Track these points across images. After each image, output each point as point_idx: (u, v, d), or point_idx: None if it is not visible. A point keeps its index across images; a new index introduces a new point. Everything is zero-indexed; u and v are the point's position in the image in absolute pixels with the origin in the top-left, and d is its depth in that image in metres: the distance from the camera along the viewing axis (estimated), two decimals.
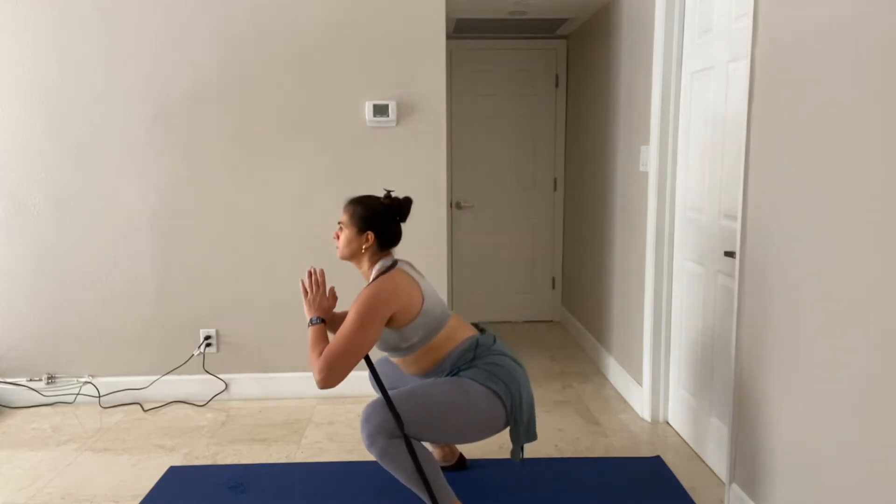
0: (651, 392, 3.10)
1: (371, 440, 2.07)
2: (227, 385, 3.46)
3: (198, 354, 3.43)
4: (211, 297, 3.40)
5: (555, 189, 4.97)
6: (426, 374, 2.28)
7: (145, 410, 3.33)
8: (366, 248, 2.23)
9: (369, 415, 2.08)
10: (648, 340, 3.09)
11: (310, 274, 2.27)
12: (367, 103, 3.30)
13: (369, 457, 2.78)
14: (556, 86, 4.87)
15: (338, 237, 2.27)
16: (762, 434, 2.11)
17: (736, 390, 2.29)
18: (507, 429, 2.26)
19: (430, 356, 2.24)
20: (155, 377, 3.44)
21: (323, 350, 2.09)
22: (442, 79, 3.30)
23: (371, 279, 2.23)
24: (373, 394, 3.49)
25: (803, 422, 1.89)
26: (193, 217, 3.35)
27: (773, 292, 2.03)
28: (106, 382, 3.44)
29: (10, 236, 3.33)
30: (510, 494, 2.46)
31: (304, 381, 3.47)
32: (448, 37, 4.70)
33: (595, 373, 3.88)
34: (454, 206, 4.94)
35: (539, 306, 5.09)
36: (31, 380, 3.42)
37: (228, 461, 2.76)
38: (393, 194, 2.32)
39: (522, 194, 4.96)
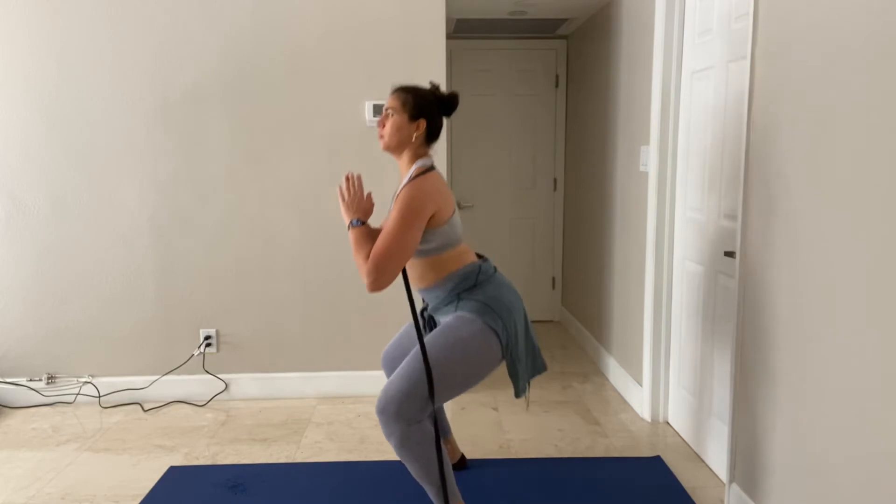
0: (651, 392, 3.10)
1: (389, 429, 2.05)
2: (227, 385, 3.46)
3: (198, 354, 3.43)
4: (211, 297, 3.40)
5: (555, 189, 4.97)
6: (429, 287, 2.24)
7: (145, 410, 3.33)
8: (416, 137, 2.19)
9: (383, 407, 2.06)
10: (648, 340, 3.09)
11: (347, 178, 2.20)
12: (367, 103, 3.30)
13: (369, 457, 2.78)
14: (556, 86, 4.87)
15: (383, 125, 2.21)
16: (762, 434, 2.11)
17: (736, 390, 2.29)
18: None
19: (438, 268, 2.20)
20: (155, 377, 3.44)
21: (370, 252, 2.05)
22: (442, 79, 3.30)
23: (409, 176, 2.17)
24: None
25: (803, 422, 1.89)
26: (193, 217, 3.35)
27: (773, 292, 2.03)
28: (106, 382, 3.44)
29: (10, 236, 3.33)
30: (510, 494, 2.46)
31: (304, 381, 3.47)
32: (448, 37, 4.70)
33: (595, 373, 3.88)
34: (457, 206, 4.93)
35: (539, 306, 5.09)
36: (31, 380, 3.42)
37: (228, 461, 2.76)
38: (440, 88, 2.28)
39: (522, 194, 4.96)
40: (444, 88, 3.27)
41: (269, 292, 3.42)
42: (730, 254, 2.41)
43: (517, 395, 2.21)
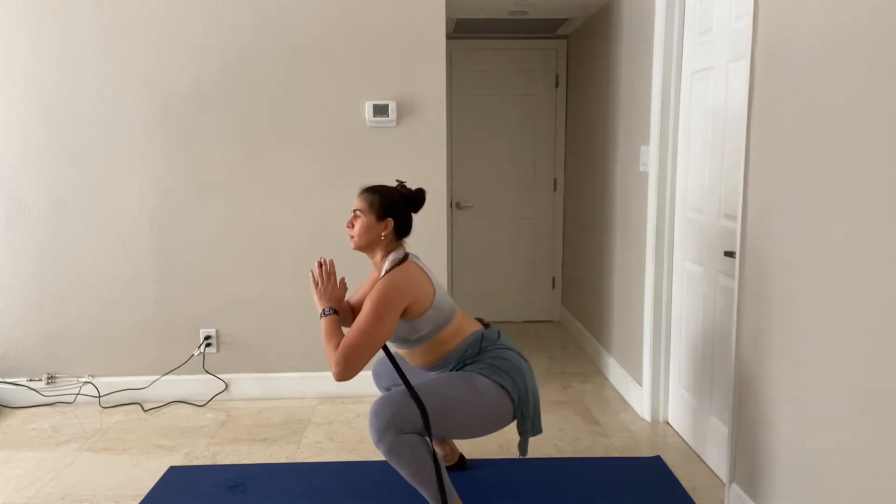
0: (651, 392, 3.10)
1: (380, 436, 2.06)
2: (227, 385, 3.46)
3: (198, 354, 3.43)
4: (211, 297, 3.40)
5: (555, 189, 4.97)
6: (432, 367, 2.28)
7: (145, 410, 3.33)
8: (384, 236, 2.22)
9: (378, 410, 2.07)
10: (648, 340, 3.09)
11: (320, 264, 2.24)
12: (367, 103, 3.30)
13: (369, 457, 2.78)
14: (556, 86, 4.87)
15: (352, 226, 2.25)
16: (762, 434, 2.11)
17: (736, 390, 2.29)
18: (514, 423, 2.26)
19: (437, 349, 2.24)
20: (155, 377, 3.44)
21: (339, 343, 2.08)
22: (442, 79, 3.30)
23: (384, 270, 2.22)
24: (374, 393, 3.49)
25: (803, 421, 1.89)
26: (193, 217, 3.35)
27: (773, 292, 2.03)
28: (106, 382, 3.44)
29: (10, 236, 3.33)
30: (510, 494, 2.46)
31: (304, 381, 3.47)
32: (448, 37, 4.70)
33: (595, 373, 3.88)
34: (454, 206, 4.94)
35: (539, 306, 5.09)
36: (31, 380, 3.42)
37: (228, 461, 2.76)
38: (406, 185, 2.31)
39: (522, 194, 4.96)
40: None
41: (269, 292, 3.42)
42: (730, 254, 2.41)
43: (523, 453, 2.26)
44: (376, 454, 2.80)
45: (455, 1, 3.75)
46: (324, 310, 2.19)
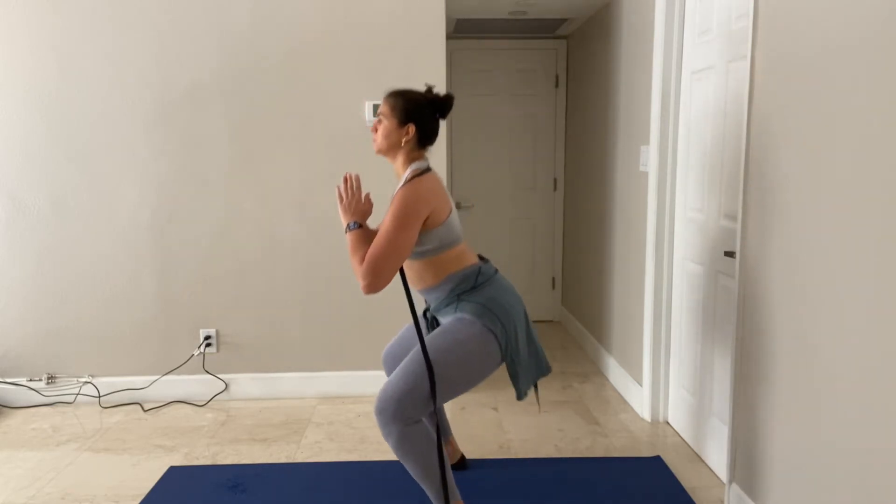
0: (651, 392, 3.10)
1: (387, 430, 2.05)
2: (227, 385, 3.46)
3: (198, 354, 3.43)
4: (211, 297, 3.40)
5: (555, 189, 4.97)
6: (428, 289, 2.24)
7: (145, 410, 3.33)
8: (405, 142, 2.18)
9: (382, 408, 2.05)
10: (648, 340, 3.09)
11: (346, 179, 2.20)
12: (367, 103, 3.30)
13: (369, 457, 2.78)
14: (556, 86, 4.87)
15: (376, 130, 2.21)
16: (762, 434, 2.11)
17: (736, 390, 2.29)
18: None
19: (436, 270, 2.20)
20: (155, 377, 3.44)
21: (365, 255, 2.06)
22: (442, 79, 3.30)
23: (405, 179, 2.17)
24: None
25: (803, 422, 1.89)
26: (193, 217, 3.35)
27: (773, 292, 2.03)
28: (106, 382, 3.44)
29: (10, 236, 3.33)
30: (510, 494, 2.46)
31: (304, 381, 3.47)
32: (448, 37, 4.70)
33: (595, 373, 3.88)
34: (454, 206, 4.93)
35: (539, 306, 5.09)
36: (31, 380, 3.42)
37: (228, 461, 2.76)
38: (434, 90, 2.27)
39: (522, 194, 4.96)
40: (443, 89, 3.27)
41: (269, 292, 3.42)
42: (730, 254, 2.41)
43: (519, 397, 2.21)
44: (376, 454, 2.80)
45: (455, 1, 3.75)
46: (349, 224, 2.15)
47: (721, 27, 2.53)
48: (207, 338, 3.42)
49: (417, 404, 2.06)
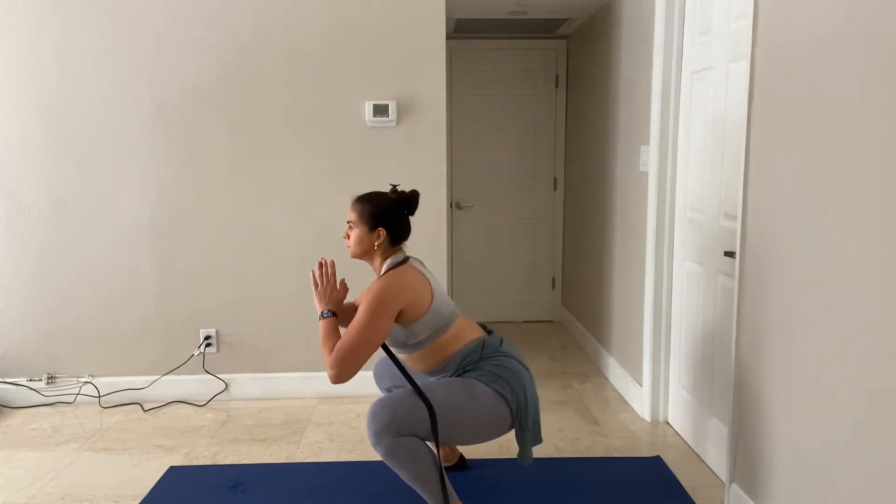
0: (651, 392, 3.10)
1: (377, 438, 2.05)
2: (227, 385, 3.46)
3: (198, 354, 3.43)
4: (211, 297, 3.40)
5: (555, 189, 4.97)
6: (432, 371, 2.28)
7: (145, 410, 3.33)
8: (378, 245, 2.22)
9: (376, 412, 2.06)
10: (648, 340, 3.09)
11: (320, 265, 2.25)
12: (367, 103, 3.30)
13: (369, 457, 2.78)
14: (556, 86, 4.87)
15: (348, 236, 2.27)
16: (762, 434, 2.11)
17: (736, 390, 2.29)
18: (513, 433, 2.25)
19: (437, 354, 2.23)
20: (155, 377, 3.44)
21: (335, 344, 2.09)
22: (442, 79, 3.30)
23: (382, 272, 2.23)
24: (374, 393, 3.49)
25: (803, 422, 1.89)
26: (193, 217, 3.35)
27: (772, 292, 2.03)
28: (106, 382, 3.44)
29: (10, 236, 3.33)
30: (510, 494, 2.46)
31: (304, 381, 3.47)
32: (448, 37, 4.70)
33: (595, 373, 3.88)
34: (454, 206, 4.94)
35: (539, 306, 5.09)
36: (31, 380, 3.42)
37: (228, 461, 2.76)
38: (398, 188, 2.31)
39: (522, 194, 4.96)
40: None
41: (269, 292, 3.42)
42: (730, 254, 2.41)
43: (525, 462, 2.24)
44: (376, 454, 2.80)
45: (455, 1, 3.75)
46: (322, 312, 2.20)
47: (721, 27, 2.53)
48: (207, 338, 3.42)
49: (415, 428, 2.07)
